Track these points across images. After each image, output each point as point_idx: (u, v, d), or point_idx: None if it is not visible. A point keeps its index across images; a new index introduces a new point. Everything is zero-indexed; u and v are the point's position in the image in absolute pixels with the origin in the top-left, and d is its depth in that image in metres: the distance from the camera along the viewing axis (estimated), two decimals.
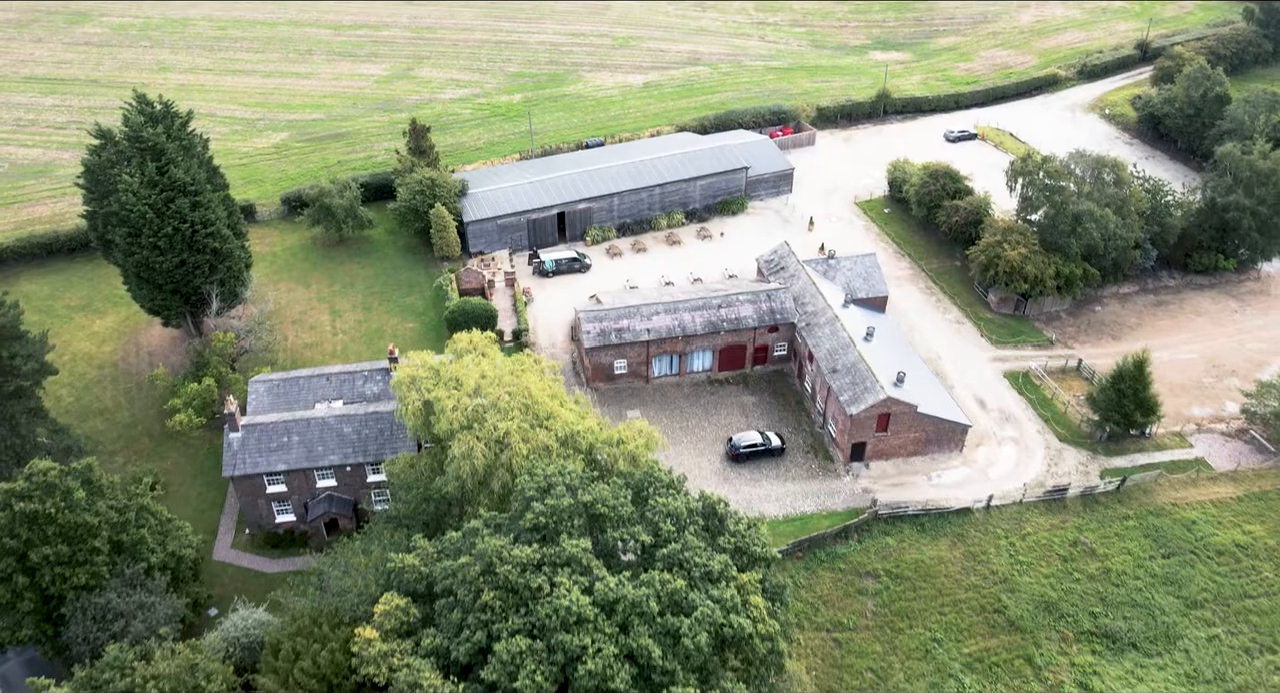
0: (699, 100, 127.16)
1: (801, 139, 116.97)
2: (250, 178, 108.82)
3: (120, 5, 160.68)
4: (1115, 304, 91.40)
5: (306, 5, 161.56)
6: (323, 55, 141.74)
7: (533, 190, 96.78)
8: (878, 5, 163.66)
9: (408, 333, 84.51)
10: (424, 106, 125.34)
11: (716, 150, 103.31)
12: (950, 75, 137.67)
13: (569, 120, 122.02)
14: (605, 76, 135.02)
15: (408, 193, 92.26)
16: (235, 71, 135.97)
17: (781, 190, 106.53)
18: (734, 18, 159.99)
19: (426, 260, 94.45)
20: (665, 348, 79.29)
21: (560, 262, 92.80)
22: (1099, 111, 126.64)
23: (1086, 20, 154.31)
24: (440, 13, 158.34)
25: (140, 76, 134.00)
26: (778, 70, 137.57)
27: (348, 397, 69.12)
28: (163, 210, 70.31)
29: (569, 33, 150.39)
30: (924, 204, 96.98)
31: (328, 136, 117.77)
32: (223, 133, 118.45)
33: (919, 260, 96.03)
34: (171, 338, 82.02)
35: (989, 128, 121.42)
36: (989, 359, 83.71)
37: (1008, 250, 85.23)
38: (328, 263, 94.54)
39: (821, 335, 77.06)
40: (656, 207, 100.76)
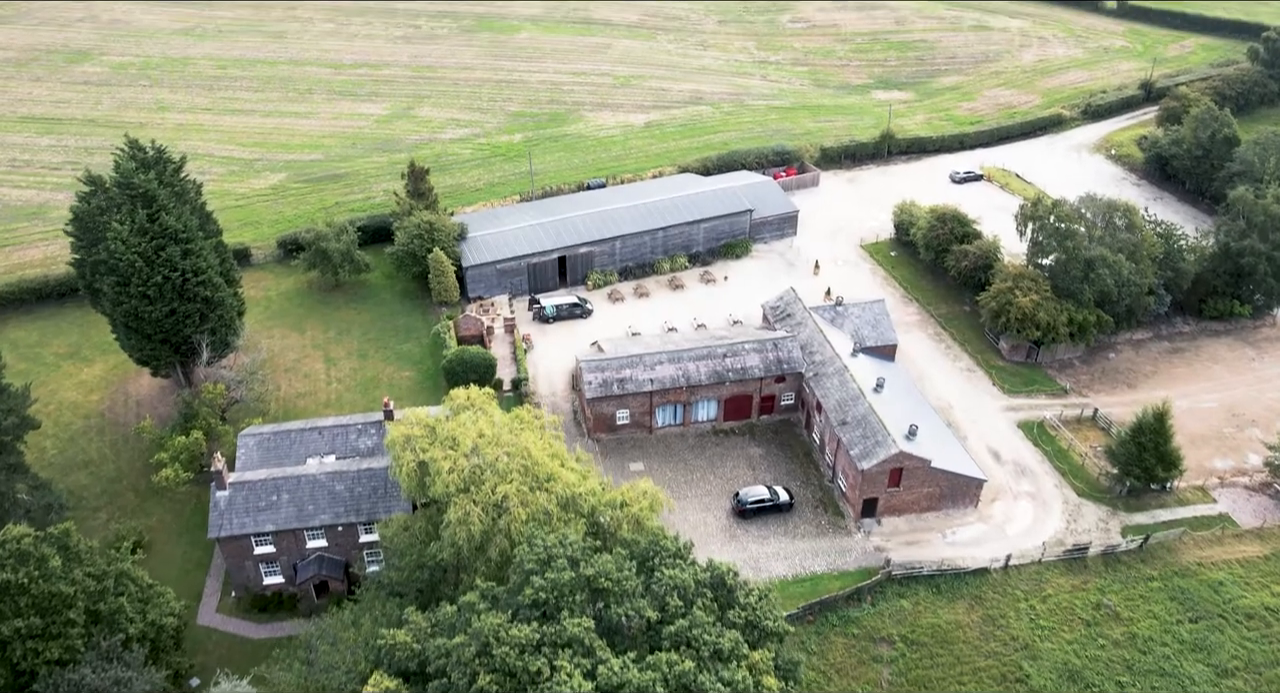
0: (701, 140, 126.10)
1: (805, 180, 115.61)
2: (246, 219, 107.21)
3: (121, 44, 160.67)
4: (1129, 351, 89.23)
5: (308, 44, 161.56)
6: (323, 94, 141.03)
7: (533, 234, 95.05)
8: (879, 45, 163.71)
9: (404, 382, 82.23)
10: (424, 146, 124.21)
11: (720, 192, 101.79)
12: (953, 115, 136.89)
13: (570, 160, 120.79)
14: (607, 116, 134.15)
15: (406, 237, 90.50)
16: (234, 111, 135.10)
17: (786, 232, 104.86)
18: (736, 56, 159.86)
19: (424, 305, 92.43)
20: (669, 398, 76.95)
21: (561, 307, 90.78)
22: (1105, 152, 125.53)
23: (1088, 60, 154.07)
24: (441, 52, 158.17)
25: (139, 115, 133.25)
26: (780, 110, 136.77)
27: (341, 451, 66.65)
28: (153, 258, 68.33)
29: (570, 71, 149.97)
30: (932, 248, 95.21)
31: (326, 177, 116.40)
32: (220, 173, 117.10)
33: (927, 305, 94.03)
34: (161, 387, 79.68)
35: (994, 168, 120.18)
36: (1002, 409, 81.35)
37: (1019, 297, 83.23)
38: (323, 308, 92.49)
39: (830, 385, 74.77)
40: (659, 250, 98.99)
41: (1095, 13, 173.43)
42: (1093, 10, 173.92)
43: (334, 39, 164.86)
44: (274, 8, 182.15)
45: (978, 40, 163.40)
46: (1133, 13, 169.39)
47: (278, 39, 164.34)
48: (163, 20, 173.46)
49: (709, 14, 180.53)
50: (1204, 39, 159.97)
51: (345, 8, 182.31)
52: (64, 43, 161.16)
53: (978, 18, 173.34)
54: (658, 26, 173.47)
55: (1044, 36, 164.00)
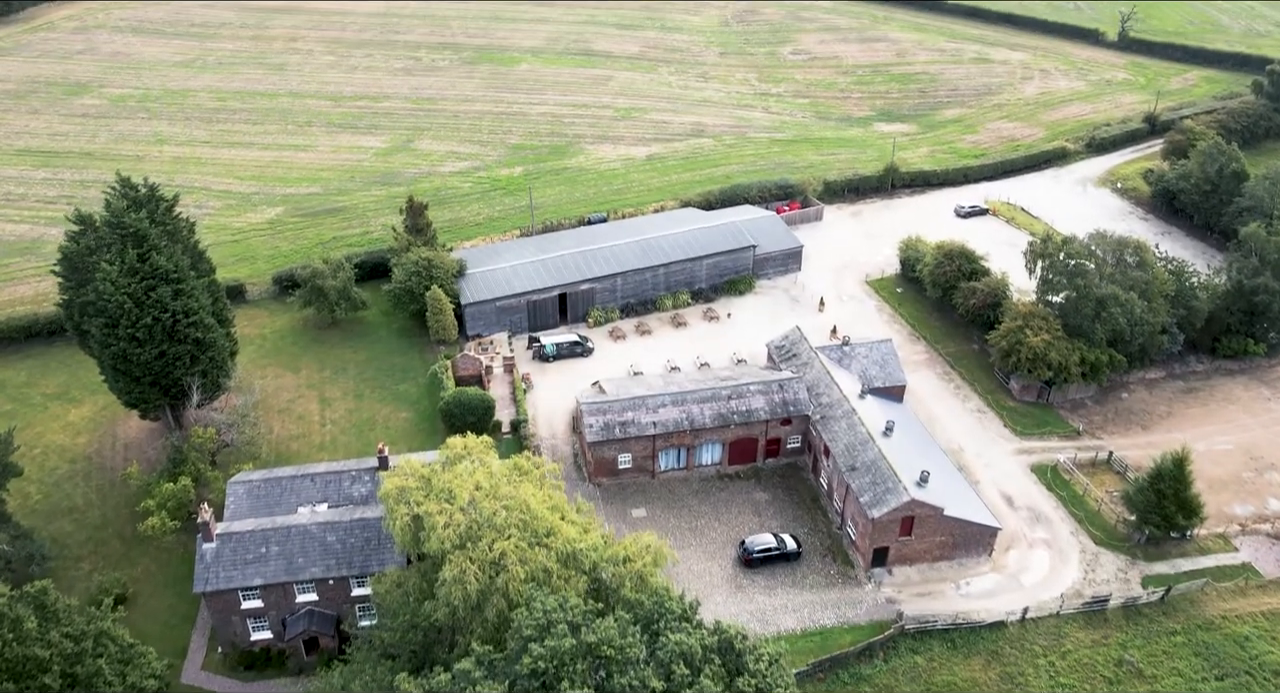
0: (703, 173, 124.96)
1: (809, 214, 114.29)
2: (242, 255, 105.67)
3: (121, 76, 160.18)
4: (1142, 391, 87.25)
5: (308, 77, 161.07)
6: (322, 127, 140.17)
7: (533, 270, 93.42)
8: (880, 77, 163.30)
9: (400, 423, 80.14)
10: (423, 180, 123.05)
11: (723, 228, 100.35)
12: (957, 148, 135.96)
13: (571, 194, 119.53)
14: (608, 148, 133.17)
15: (403, 274, 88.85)
16: (233, 144, 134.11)
17: (790, 268, 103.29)
18: (737, 88, 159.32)
19: (422, 343, 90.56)
20: (672, 442, 74.85)
21: (561, 345, 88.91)
22: (1110, 185, 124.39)
23: (1091, 93, 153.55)
24: (441, 84, 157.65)
25: (136, 148, 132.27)
26: (782, 142, 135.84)
27: (333, 500, 64.46)
28: (142, 299, 66.56)
29: (571, 104, 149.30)
30: (939, 285, 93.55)
31: (324, 211, 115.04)
32: (216, 207, 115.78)
33: (935, 343, 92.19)
34: (150, 429, 77.57)
35: (1000, 202, 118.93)
36: (1014, 451, 79.22)
37: (1030, 336, 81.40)
38: (319, 346, 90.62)
39: (838, 429, 72.70)
40: (661, 286, 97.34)
41: (1096, 45, 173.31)
42: (1093, 43, 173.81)
43: (334, 71, 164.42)
44: (275, 39, 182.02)
45: (979, 72, 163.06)
46: (1134, 46, 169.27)
47: (278, 71, 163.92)
48: (164, 52, 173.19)
49: (710, 46, 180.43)
50: (1206, 72, 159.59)
51: (347, 39, 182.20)
52: (64, 75, 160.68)
53: (978, 50, 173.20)
54: (659, 58, 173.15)
55: (1045, 69, 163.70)
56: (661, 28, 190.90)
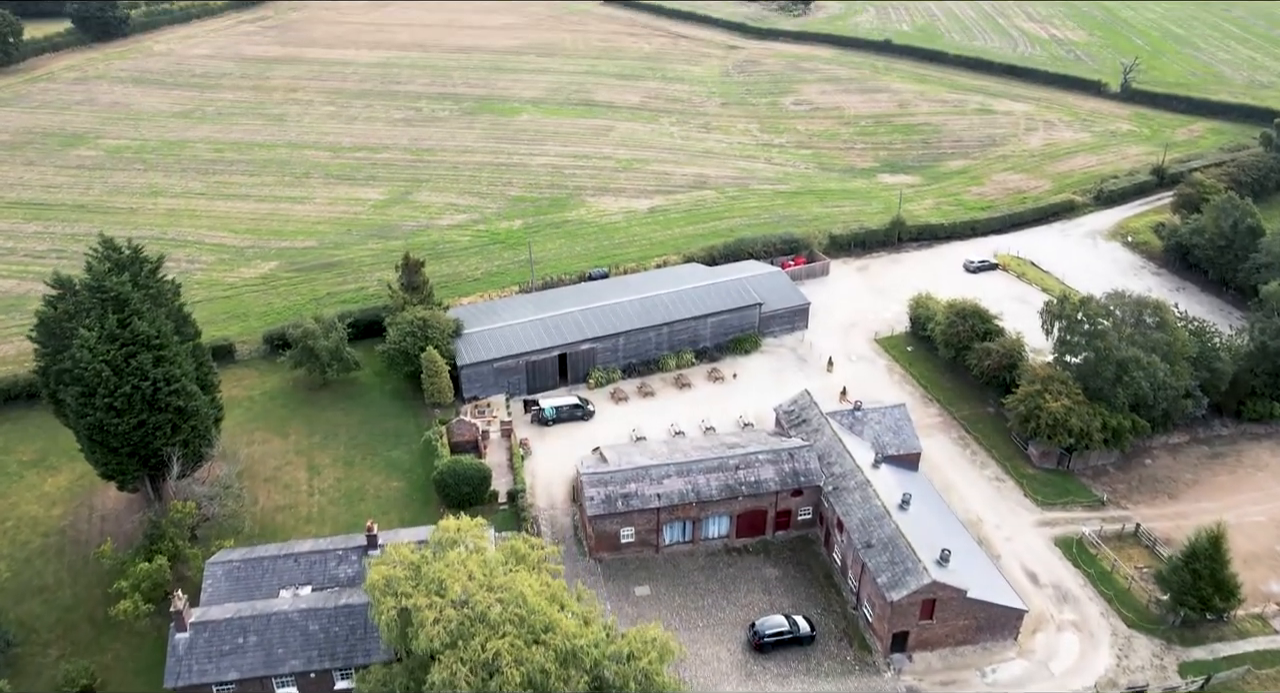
0: (707, 226, 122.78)
1: (815, 269, 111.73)
2: (234, 311, 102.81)
3: (118, 127, 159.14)
4: (1166, 456, 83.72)
5: (307, 127, 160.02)
6: (319, 178, 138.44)
7: (532, 330, 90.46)
8: (883, 128, 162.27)
9: (392, 493, 76.47)
10: (421, 233, 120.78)
11: (728, 285, 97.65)
12: (963, 200, 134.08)
13: (571, 248, 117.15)
14: (609, 201, 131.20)
15: (398, 334, 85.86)
16: (228, 195, 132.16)
17: (797, 326, 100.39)
18: (739, 139, 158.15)
19: (416, 406, 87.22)
20: (678, 514, 71.17)
21: (561, 408, 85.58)
22: (1121, 239, 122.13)
23: (1097, 144, 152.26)
24: (441, 135, 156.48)
25: (130, 201, 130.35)
26: (786, 194, 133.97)
27: (318, 581, 60.67)
28: (122, 367, 63.43)
29: (571, 154, 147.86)
30: (951, 345, 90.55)
31: (319, 266, 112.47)
32: (209, 262, 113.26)
33: (949, 406, 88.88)
34: (128, 501, 73.86)
35: (1009, 256, 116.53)
36: (1036, 523, 75.46)
37: (1049, 401, 78.13)
38: (309, 408, 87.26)
39: (852, 501, 69.09)
40: (665, 345, 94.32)
41: (1099, 96, 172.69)
42: (1096, 94, 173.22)
43: (334, 122, 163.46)
44: (275, 90, 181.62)
45: (983, 124, 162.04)
46: (1137, 96, 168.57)
47: (277, 122, 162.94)
48: (163, 103, 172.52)
49: (711, 96, 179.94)
50: (1212, 123, 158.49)
51: (347, 90, 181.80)
52: (61, 126, 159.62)
53: (981, 101, 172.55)
54: (660, 109, 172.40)
55: (1049, 120, 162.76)
56: (663, 78, 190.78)
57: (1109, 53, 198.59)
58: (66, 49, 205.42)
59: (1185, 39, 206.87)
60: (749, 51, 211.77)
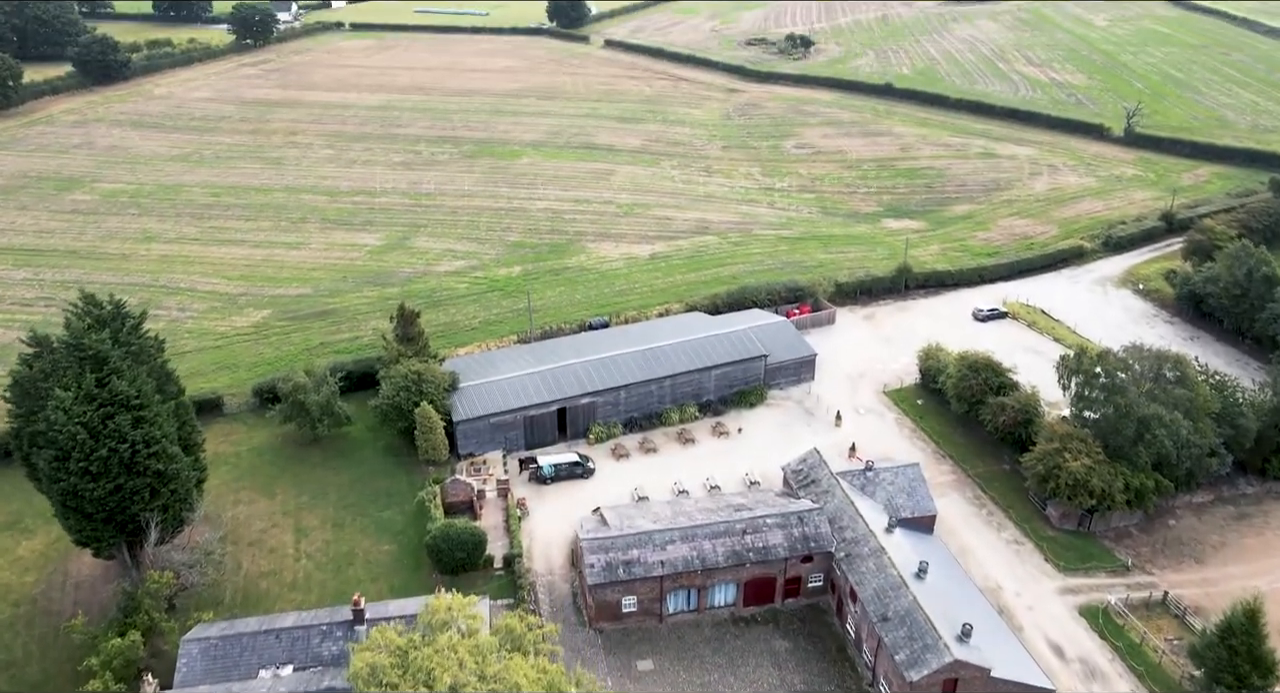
0: (709, 273, 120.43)
1: (821, 318, 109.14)
2: (224, 362, 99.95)
3: (115, 171, 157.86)
4: (1191, 517, 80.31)
5: (305, 171, 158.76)
6: (316, 223, 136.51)
7: (531, 383, 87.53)
8: (886, 171, 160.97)
9: (382, 558, 72.92)
10: (418, 280, 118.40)
11: (732, 336, 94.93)
12: (969, 245, 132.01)
13: (571, 296, 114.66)
14: (609, 247, 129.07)
15: (391, 389, 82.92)
16: (223, 241, 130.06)
17: (803, 377, 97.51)
18: (741, 183, 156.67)
19: (409, 463, 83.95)
20: (682, 582, 67.63)
21: (560, 466, 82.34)
22: (1132, 287, 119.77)
23: (1102, 189, 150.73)
24: (440, 178, 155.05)
25: (123, 246, 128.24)
26: (790, 240, 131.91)
27: (300, 659, 57.03)
28: (99, 429, 60.42)
29: (572, 199, 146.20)
30: (964, 399, 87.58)
31: (313, 314, 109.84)
32: (200, 310, 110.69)
33: (963, 462, 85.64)
34: (104, 567, 70.33)
35: (1018, 304, 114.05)
36: (1058, 590, 71.84)
37: (1069, 460, 74.96)
38: (298, 466, 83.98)
39: (865, 570, 65.61)
40: (667, 399, 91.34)
41: (1102, 141, 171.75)
42: (1099, 138, 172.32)
43: (332, 165, 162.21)
44: (275, 133, 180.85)
45: (986, 168, 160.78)
46: (1141, 141, 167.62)
47: (275, 165, 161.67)
48: (161, 146, 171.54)
49: (712, 139, 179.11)
50: (1217, 168, 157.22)
51: (347, 133, 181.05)
52: (57, 170, 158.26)
53: (984, 145, 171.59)
54: (661, 152, 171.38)
55: (1054, 164, 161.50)
56: (663, 121, 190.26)
57: (1110, 97, 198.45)
58: (66, 92, 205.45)
59: (1186, 83, 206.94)
60: (750, 94, 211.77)
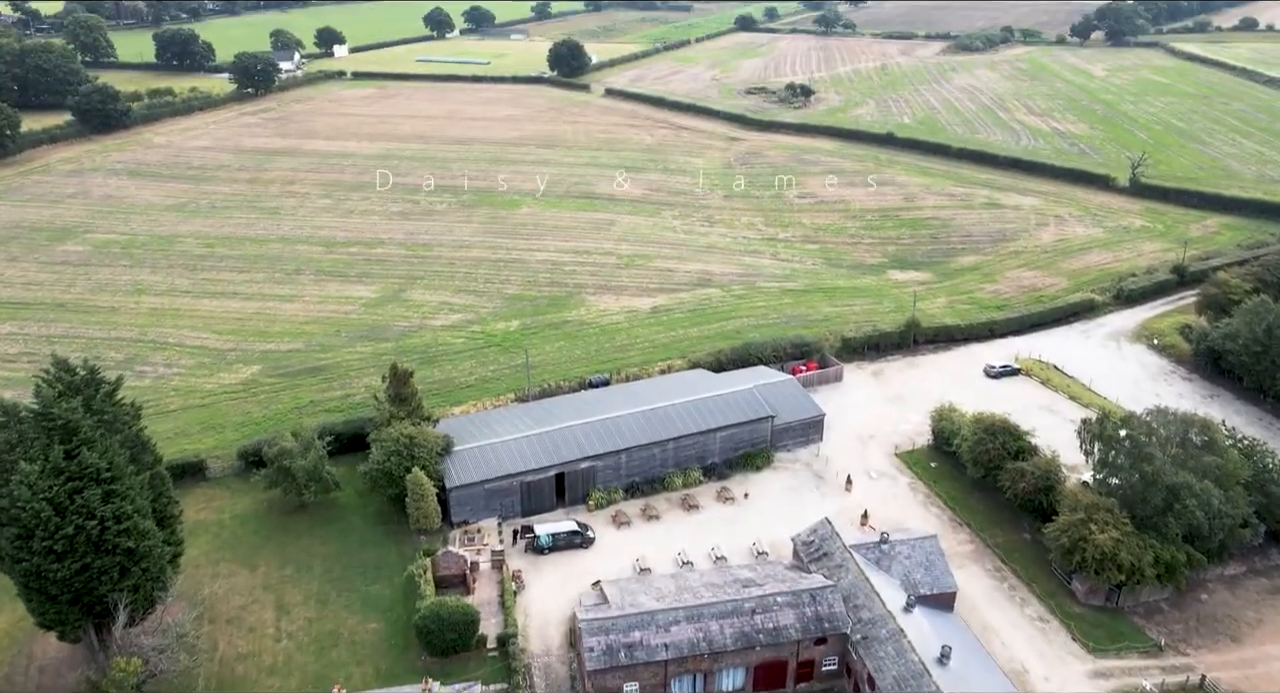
0: (713, 327, 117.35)
1: (828, 374, 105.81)
2: (209, 422, 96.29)
3: (108, 221, 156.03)
4: (1224, 591, 75.96)
5: (301, 221, 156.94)
6: (311, 275, 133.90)
7: (528, 447, 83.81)
8: (890, 222, 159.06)
9: (369, 638, 68.52)
10: (412, 335, 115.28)
11: (738, 396, 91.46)
12: (977, 298, 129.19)
13: (570, 351, 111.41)
14: (610, 299, 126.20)
15: (382, 454, 79.19)
16: (215, 293, 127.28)
17: (811, 438, 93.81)
18: (743, 233, 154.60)
19: (399, 531, 79.87)
20: (688, 667, 63.26)
21: (558, 536, 78.24)
22: (1146, 341, 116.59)
23: (1110, 240, 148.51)
24: (439, 229, 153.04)
25: (112, 299, 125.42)
26: (794, 292, 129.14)
27: None
28: (65, 505, 56.66)
29: (572, 250, 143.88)
30: (981, 463, 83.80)
31: (303, 371, 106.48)
32: (188, 366, 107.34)
33: (981, 531, 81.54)
34: (70, 651, 65.93)
35: (1031, 360, 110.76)
36: (1089, 673, 67.31)
37: (1095, 532, 70.94)
38: (282, 535, 79.88)
39: (883, 654, 61.32)
40: (670, 462, 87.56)
41: (1108, 191, 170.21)
42: (1105, 188, 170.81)
43: (329, 215, 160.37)
44: (272, 182, 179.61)
45: (991, 218, 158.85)
46: (1147, 191, 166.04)
47: (271, 215, 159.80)
48: (157, 196, 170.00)
49: (714, 188, 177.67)
50: (1225, 218, 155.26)
51: (345, 182, 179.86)
52: (50, 220, 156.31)
53: (988, 195, 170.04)
54: (662, 202, 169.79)
55: (1059, 215, 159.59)
56: (664, 170, 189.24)
57: (1113, 146, 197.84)
58: (65, 141, 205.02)
59: (1189, 133, 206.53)
60: (751, 143, 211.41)
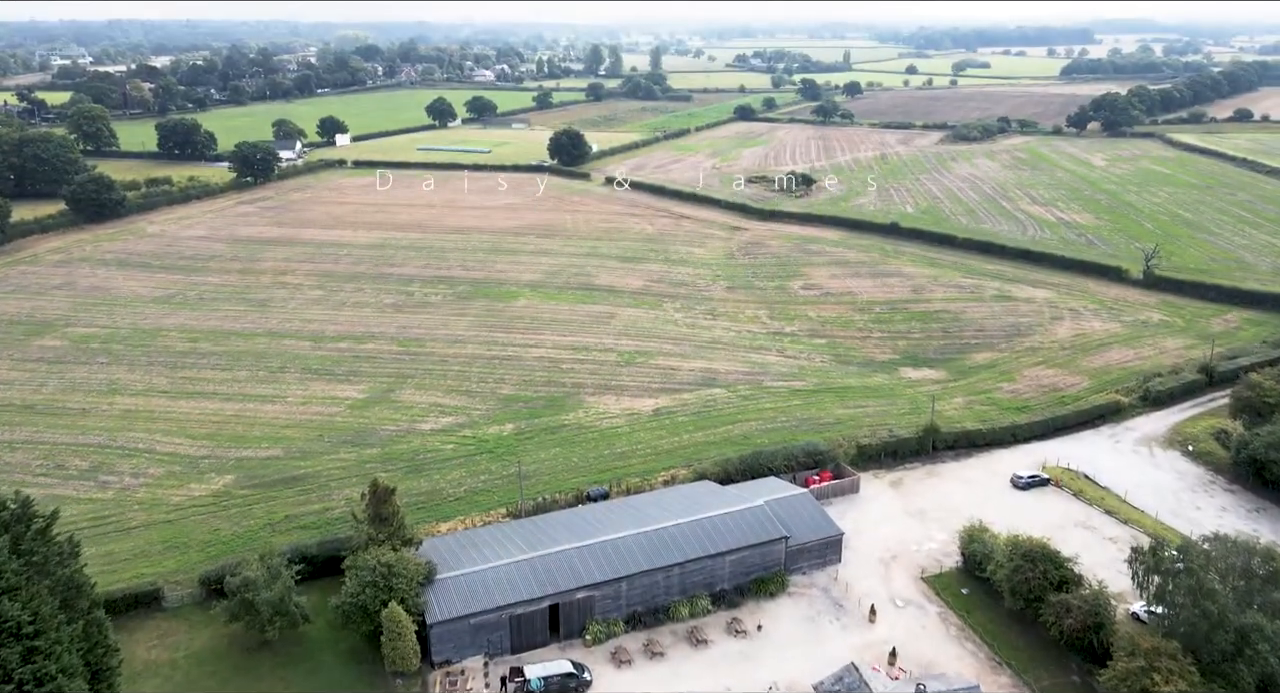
0: (718, 432, 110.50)
1: (844, 485, 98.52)
2: (173, 540, 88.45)
3: (90, 314, 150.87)
4: None
5: (291, 314, 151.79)
6: (296, 373, 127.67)
7: (519, 573, 75.95)
8: (899, 315, 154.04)
9: None
10: (400, 439, 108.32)
11: (749, 514, 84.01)
12: (995, 398, 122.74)
13: (567, 458, 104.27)
14: (610, 400, 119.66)
15: (356, 585, 71.31)
16: (193, 393, 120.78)
17: (829, 560, 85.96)
18: (748, 327, 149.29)
19: (374, 673, 71.31)
20: None
21: (550, 679, 69.71)
22: (1180, 447, 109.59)
23: (1129, 336, 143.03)
24: (432, 322, 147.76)
25: (84, 400, 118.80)
26: (803, 393, 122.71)
27: None
28: None
29: (570, 345, 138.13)
30: (1019, 594, 75.84)
31: (280, 481, 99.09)
32: (156, 475, 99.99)
33: (1024, 672, 72.91)
34: None
35: (1060, 469, 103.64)
36: None
37: (1159, 683, 62.69)
38: (243, 678, 71.24)
39: None
40: (676, 589, 79.54)
41: (1121, 283, 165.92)
42: (1118, 281, 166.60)
43: (320, 308, 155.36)
44: (264, 273, 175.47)
45: (1004, 312, 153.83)
46: (1161, 284, 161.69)
47: (260, 308, 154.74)
48: (144, 287, 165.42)
49: (717, 280, 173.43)
50: (1246, 313, 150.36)
51: (338, 273, 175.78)
52: (30, 313, 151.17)
53: (999, 288, 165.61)
54: (663, 293, 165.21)
55: (1074, 309, 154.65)
56: (666, 261, 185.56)
57: (1121, 237, 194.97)
58: (56, 231, 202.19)
59: (1197, 224, 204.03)
60: (753, 232, 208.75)
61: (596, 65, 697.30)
